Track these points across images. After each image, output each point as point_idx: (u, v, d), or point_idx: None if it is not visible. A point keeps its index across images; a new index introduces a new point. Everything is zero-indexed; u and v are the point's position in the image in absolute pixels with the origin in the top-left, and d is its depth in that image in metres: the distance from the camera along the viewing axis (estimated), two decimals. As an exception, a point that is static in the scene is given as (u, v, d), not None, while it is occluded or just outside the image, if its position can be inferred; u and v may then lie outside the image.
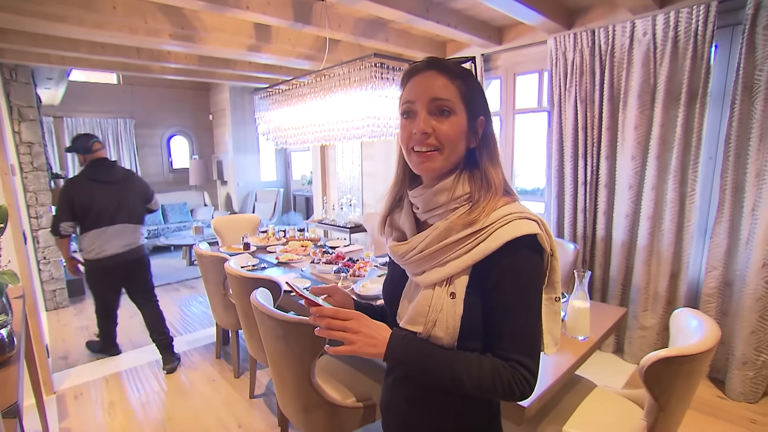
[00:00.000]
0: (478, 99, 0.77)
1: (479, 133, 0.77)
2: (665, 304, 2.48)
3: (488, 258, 0.71)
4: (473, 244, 0.72)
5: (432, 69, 0.75)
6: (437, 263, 0.75)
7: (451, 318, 0.73)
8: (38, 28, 2.61)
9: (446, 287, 0.74)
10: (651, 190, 2.44)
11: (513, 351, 0.71)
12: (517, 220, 0.71)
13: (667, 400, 1.18)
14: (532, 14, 2.39)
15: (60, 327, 3.51)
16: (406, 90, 0.77)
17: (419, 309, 0.75)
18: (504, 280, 0.72)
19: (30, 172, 3.71)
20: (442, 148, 0.74)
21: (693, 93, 2.24)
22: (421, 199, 0.79)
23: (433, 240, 0.75)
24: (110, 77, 6.44)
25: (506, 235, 0.70)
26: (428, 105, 0.73)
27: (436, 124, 0.73)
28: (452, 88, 0.73)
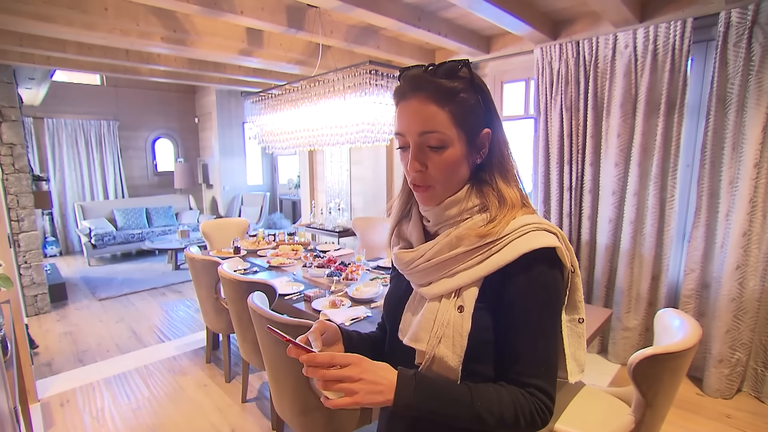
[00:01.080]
0: (477, 112, 0.69)
1: (485, 148, 0.71)
2: (647, 305, 2.58)
3: (501, 271, 0.66)
4: (486, 254, 0.67)
5: (419, 93, 0.67)
6: (445, 274, 0.70)
7: (457, 334, 0.66)
8: (24, 27, 2.56)
9: (454, 300, 0.68)
10: (633, 196, 2.54)
11: (531, 375, 0.66)
12: (534, 231, 0.66)
13: (654, 395, 1.25)
14: (519, 25, 2.47)
15: (42, 333, 3.43)
16: (397, 117, 0.71)
17: (423, 324, 0.69)
18: (519, 297, 0.66)
19: (11, 174, 3.63)
20: (437, 185, 0.70)
21: (671, 103, 2.35)
22: (432, 212, 0.74)
23: (442, 248, 0.70)
24: (93, 78, 6.32)
25: (522, 247, 0.65)
26: (417, 140, 0.68)
27: (428, 160, 0.68)
28: (442, 115, 0.66)
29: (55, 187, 6.04)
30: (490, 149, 0.72)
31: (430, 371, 0.69)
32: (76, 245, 6.27)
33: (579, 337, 0.72)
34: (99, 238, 5.52)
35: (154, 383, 2.62)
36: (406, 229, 0.81)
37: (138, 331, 3.45)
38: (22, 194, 3.69)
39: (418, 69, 0.69)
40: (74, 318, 3.76)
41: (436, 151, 0.68)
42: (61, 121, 6.00)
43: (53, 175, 6.01)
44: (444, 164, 0.68)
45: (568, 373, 0.72)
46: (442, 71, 0.67)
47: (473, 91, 0.68)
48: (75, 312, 3.91)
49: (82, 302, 4.17)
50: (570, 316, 0.72)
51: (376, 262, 2.74)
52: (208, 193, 7.32)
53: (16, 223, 3.67)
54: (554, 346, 0.69)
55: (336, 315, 1.83)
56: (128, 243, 5.81)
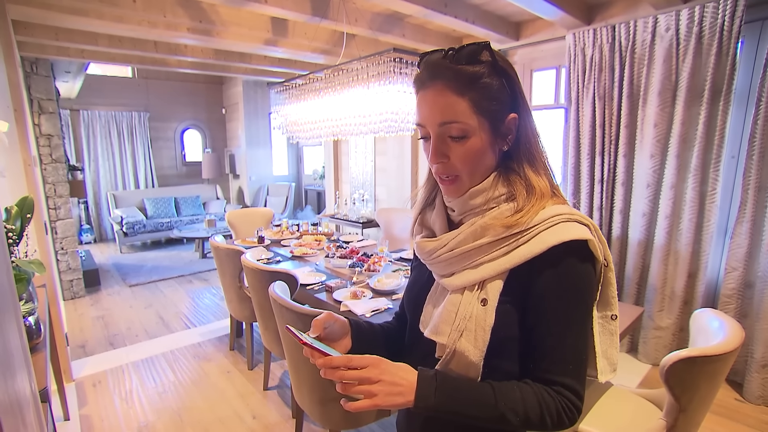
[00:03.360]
0: (502, 97, 0.65)
1: (512, 134, 0.67)
2: (682, 304, 2.45)
3: (528, 264, 0.63)
4: (513, 246, 0.64)
5: (437, 81, 0.64)
6: (469, 264, 0.67)
7: (480, 328, 0.64)
8: (59, 21, 2.64)
9: (477, 292, 0.65)
10: (670, 189, 2.40)
11: (558, 373, 0.63)
12: (564, 222, 0.63)
13: (689, 400, 1.17)
14: (551, 9, 2.36)
15: (77, 316, 3.58)
16: (417, 107, 0.69)
17: (445, 316, 0.67)
18: (547, 291, 0.63)
19: (49, 164, 3.78)
20: (462, 175, 0.67)
21: (716, 90, 2.20)
22: (457, 202, 0.71)
23: (467, 237, 0.67)
24: (126, 71, 6.51)
25: (552, 239, 0.61)
26: (438, 130, 0.65)
27: (450, 150, 0.66)
28: (463, 104, 0.63)
29: (90, 176, 6.27)
30: (516, 136, 0.67)
31: (451, 365, 0.67)
32: (109, 233, 6.52)
33: (611, 335, 0.68)
34: (130, 227, 5.72)
35: (180, 368, 2.69)
36: (429, 218, 0.78)
37: (165, 317, 3.55)
38: (58, 183, 3.84)
39: (438, 54, 0.66)
40: (106, 303, 3.91)
41: (457, 141, 0.65)
42: (96, 113, 6.21)
43: (88, 165, 6.25)
44: (467, 154, 0.65)
45: (599, 372, 0.68)
46: (463, 56, 0.64)
47: (496, 75, 0.64)
48: (107, 297, 4.07)
49: (114, 288, 4.33)
50: (602, 312, 0.68)
51: (399, 254, 2.71)
52: (235, 183, 7.45)
53: (53, 211, 3.83)
54: (584, 343, 0.65)
55: (357, 306, 1.82)
56: (157, 231, 5.99)
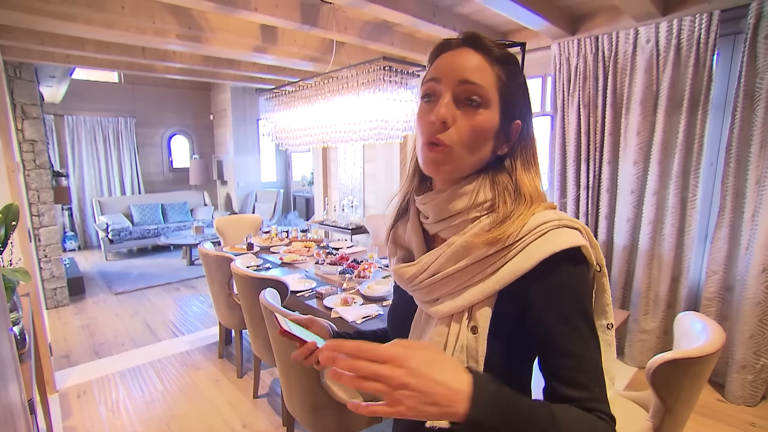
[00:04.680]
0: (519, 96, 0.62)
1: (512, 139, 0.63)
2: (666, 307, 2.51)
3: (520, 279, 0.56)
4: (499, 264, 0.57)
5: (468, 46, 0.60)
6: (453, 289, 0.60)
7: (472, 359, 0.58)
8: (45, 26, 2.61)
9: (465, 320, 0.59)
10: (652, 195, 2.47)
11: (589, 399, 0.54)
12: (554, 230, 0.57)
13: (674, 401, 1.21)
14: (536, 20, 2.42)
15: (61, 325, 3.51)
16: (432, 68, 0.62)
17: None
18: (548, 307, 0.56)
19: (32, 170, 3.71)
20: (457, 147, 0.59)
21: (695, 100, 2.27)
22: (432, 205, 0.64)
23: (448, 260, 0.60)
24: (111, 76, 6.43)
25: (541, 252, 0.55)
26: (455, 87, 0.59)
27: (460, 115, 0.59)
28: (489, 73, 0.59)
29: (74, 182, 6.17)
30: (516, 144, 0.64)
31: None
32: (94, 240, 6.40)
33: (609, 346, 0.62)
34: (116, 233, 5.62)
35: (168, 377, 2.65)
36: (403, 234, 0.72)
37: (152, 325, 3.50)
38: (42, 190, 3.77)
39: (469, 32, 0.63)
40: (91, 311, 3.84)
41: (470, 108, 0.59)
42: (81, 118, 6.12)
43: (72, 171, 6.14)
44: (474, 126, 0.59)
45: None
46: (497, 42, 0.62)
47: (520, 75, 0.63)
48: (92, 305, 3.99)
49: (99, 296, 4.25)
50: (598, 321, 0.61)
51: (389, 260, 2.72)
52: (223, 190, 7.39)
53: (36, 217, 3.75)
54: (599, 357, 0.57)
55: (348, 312, 1.82)
56: (144, 238, 5.90)
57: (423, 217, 0.68)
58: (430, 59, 0.64)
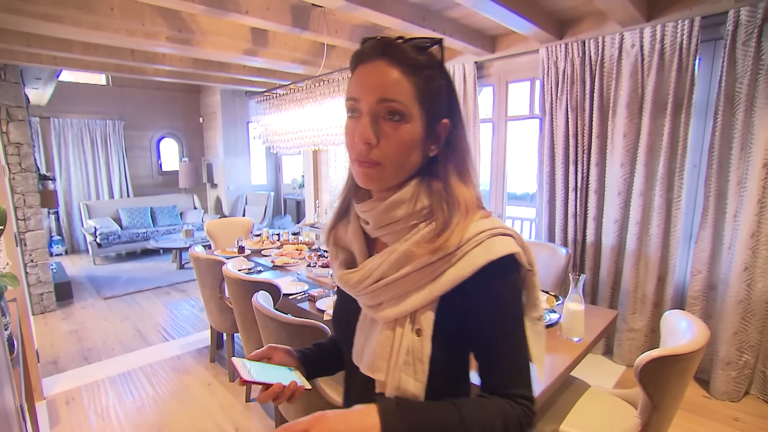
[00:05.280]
0: (442, 97, 0.63)
1: (442, 139, 0.64)
2: (653, 306, 2.56)
3: (459, 285, 0.60)
4: (440, 270, 0.61)
5: (384, 57, 0.59)
6: (397, 294, 0.63)
7: (418, 361, 0.61)
8: (32, 28, 2.58)
9: (410, 324, 0.62)
10: (639, 196, 2.52)
11: (512, 386, 0.62)
12: (489, 238, 0.60)
13: (661, 398, 1.24)
14: (525, 24, 2.46)
15: (48, 331, 3.45)
16: (352, 82, 0.62)
17: (380, 352, 0.63)
18: (484, 309, 0.62)
19: (18, 173, 3.65)
20: (387, 163, 0.61)
21: (678, 103, 2.33)
22: (372, 214, 0.65)
23: (391, 267, 0.62)
24: (99, 78, 6.36)
25: (480, 260, 0.59)
26: (374, 106, 0.59)
27: (382, 133, 0.60)
28: (407, 85, 0.59)
29: (61, 186, 6.08)
30: (447, 143, 0.64)
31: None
32: (82, 244, 6.31)
33: (539, 335, 0.68)
34: (104, 237, 5.55)
35: (159, 382, 2.63)
36: (344, 235, 0.73)
37: (142, 329, 3.46)
38: (28, 193, 3.71)
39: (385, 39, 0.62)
40: (79, 316, 3.78)
41: (392, 124, 0.59)
42: (67, 121, 6.03)
43: (59, 175, 6.05)
44: (399, 140, 0.59)
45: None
46: (414, 43, 0.61)
47: (441, 74, 0.62)
48: (80, 310, 3.94)
49: (88, 301, 4.19)
50: (530, 315, 0.67)
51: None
52: (213, 193, 7.34)
53: (22, 222, 3.69)
54: (526, 351, 0.65)
55: (340, 315, 1.83)
56: (133, 242, 5.84)
57: (363, 222, 0.69)
58: (350, 67, 0.64)
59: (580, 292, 1.66)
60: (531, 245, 2.45)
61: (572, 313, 1.66)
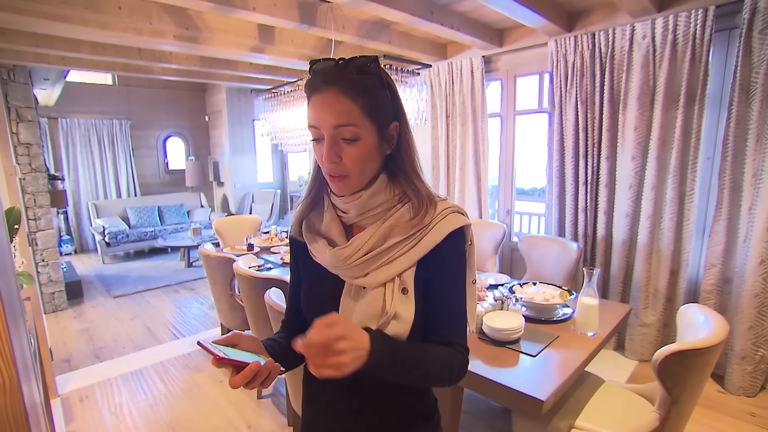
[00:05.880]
0: (388, 105, 0.74)
1: (394, 139, 0.76)
2: (665, 301, 2.53)
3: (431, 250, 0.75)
4: (418, 238, 0.75)
5: (332, 86, 0.69)
6: (385, 261, 0.75)
7: (406, 313, 0.73)
8: (40, 28, 2.59)
9: (396, 284, 0.74)
10: (651, 190, 2.49)
11: (454, 336, 0.76)
12: (452, 213, 0.77)
13: (680, 393, 1.22)
14: (533, 17, 2.43)
15: (60, 330, 3.48)
16: (310, 110, 0.73)
17: (373, 310, 0.73)
18: (444, 269, 0.76)
19: (28, 174, 3.68)
20: (352, 175, 0.73)
21: (691, 95, 2.29)
22: (355, 204, 0.76)
23: (378, 240, 0.75)
24: (106, 78, 6.38)
25: (447, 228, 0.75)
26: (332, 132, 0.70)
27: (342, 151, 0.71)
28: (355, 108, 0.69)
29: (70, 186, 6.12)
30: (398, 142, 0.77)
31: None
32: (91, 243, 6.35)
33: (473, 296, 0.82)
34: (112, 236, 5.59)
35: (170, 379, 2.64)
36: (317, 223, 0.83)
37: (152, 328, 3.48)
38: (38, 193, 3.74)
39: (329, 63, 0.72)
40: (90, 315, 3.81)
41: (349, 143, 0.71)
42: (75, 121, 6.07)
43: (67, 175, 6.09)
44: (357, 156, 0.71)
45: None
46: (353, 67, 0.70)
47: (383, 86, 0.73)
48: (91, 309, 3.97)
49: (98, 299, 4.23)
50: (470, 279, 0.81)
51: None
52: (219, 191, 7.36)
53: (33, 221, 3.72)
54: (464, 306, 0.80)
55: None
56: (141, 241, 5.87)
57: (340, 212, 0.80)
58: (305, 93, 0.75)
59: (594, 287, 1.65)
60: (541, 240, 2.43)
61: (587, 307, 1.65)
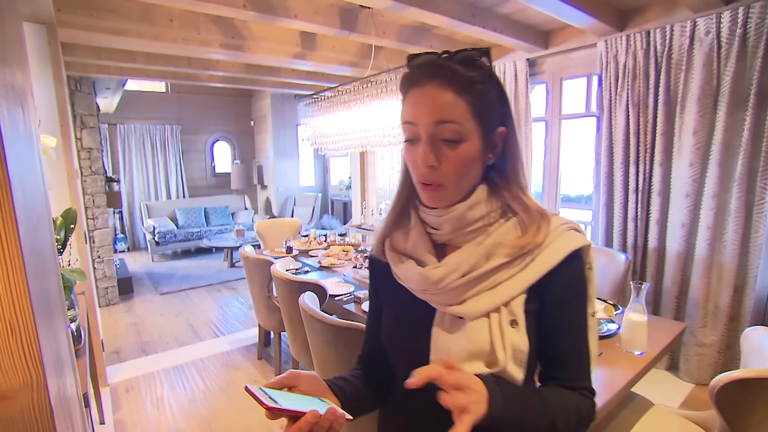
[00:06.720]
0: (496, 106, 0.63)
1: (499, 147, 0.65)
2: (728, 320, 2.32)
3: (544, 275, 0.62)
4: (528, 260, 0.62)
5: (436, 79, 0.60)
6: (486, 287, 0.62)
7: (519, 352, 0.61)
8: (101, 42, 2.78)
9: (505, 315, 0.62)
10: (711, 198, 2.30)
11: (579, 378, 0.65)
12: (568, 230, 0.64)
13: (743, 426, 1.10)
14: (581, 17, 2.32)
15: (111, 323, 3.70)
16: (406, 106, 0.63)
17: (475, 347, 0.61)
18: (562, 299, 0.64)
19: (88, 176, 3.95)
20: (449, 184, 0.62)
21: (764, 94, 2.09)
22: (450, 218, 0.64)
23: (480, 259, 0.62)
24: (159, 86, 6.77)
25: (564, 248, 0.62)
26: (432, 129, 0.60)
27: (442, 155, 0.61)
28: (461, 104, 0.59)
29: (125, 187, 6.53)
30: (503, 150, 0.65)
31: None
32: (142, 242, 6.74)
33: (593, 330, 0.69)
34: (162, 236, 5.89)
35: (209, 376, 2.73)
36: (401, 243, 0.71)
37: (195, 325, 3.62)
38: (96, 194, 4.01)
39: (431, 55, 0.63)
40: (139, 310, 4.02)
41: (450, 145, 0.60)
42: (131, 126, 6.48)
43: (123, 177, 6.50)
44: (458, 160, 0.61)
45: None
46: (459, 58, 0.61)
47: (491, 84, 0.63)
48: (140, 304, 4.19)
49: (146, 296, 4.46)
50: (589, 310, 0.68)
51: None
52: (263, 194, 7.60)
53: (91, 221, 3.99)
54: (588, 341, 0.67)
55: (385, 318, 1.80)
56: (188, 240, 6.15)
57: (430, 228, 0.68)
58: (401, 89, 0.65)
59: (642, 302, 1.53)
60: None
61: (633, 324, 1.53)
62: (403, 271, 0.69)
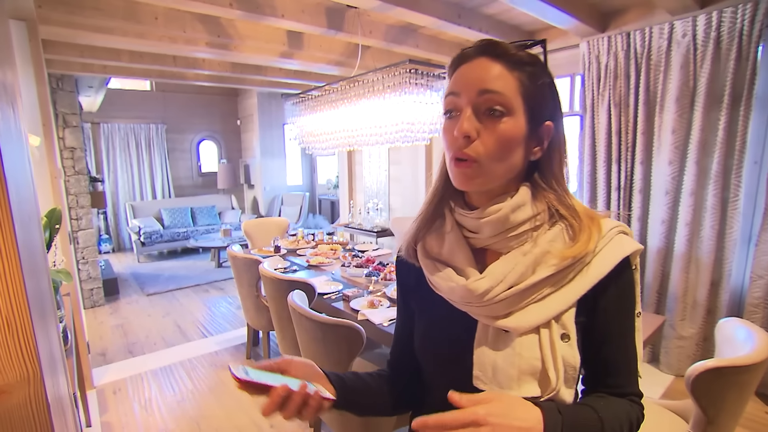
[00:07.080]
0: (546, 96, 0.59)
1: (544, 143, 0.60)
2: (705, 313, 2.40)
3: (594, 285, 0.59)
4: (578, 269, 0.58)
5: (485, 55, 0.58)
6: (534, 299, 0.58)
7: (571, 368, 0.57)
8: (85, 39, 2.74)
9: (556, 329, 0.58)
10: (689, 196, 2.37)
11: (628, 385, 0.62)
12: (618, 234, 0.61)
13: (717, 412, 1.15)
14: (564, 18, 2.37)
15: (97, 324, 3.65)
16: (451, 81, 0.60)
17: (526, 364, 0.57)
18: (612, 306, 0.60)
19: (72, 176, 3.88)
20: (486, 161, 0.57)
21: (737, 95, 2.17)
22: (492, 219, 0.59)
23: (527, 269, 0.58)
24: (144, 84, 6.68)
25: (616, 255, 0.58)
26: (475, 99, 0.56)
27: (483, 127, 0.57)
28: (510, 79, 0.56)
29: (109, 187, 6.43)
30: (549, 148, 0.61)
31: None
32: (127, 242, 6.64)
33: (639, 332, 0.66)
34: (147, 236, 5.82)
35: (197, 377, 2.71)
36: (436, 246, 0.66)
37: (182, 325, 3.59)
38: (80, 194, 3.94)
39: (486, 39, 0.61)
40: (125, 311, 3.98)
41: (493, 119, 0.56)
42: (115, 126, 6.38)
43: (107, 177, 6.40)
44: (500, 135, 0.56)
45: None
46: (514, 44, 0.60)
47: (544, 72, 0.60)
48: (126, 306, 4.14)
49: (132, 297, 4.40)
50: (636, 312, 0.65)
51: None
52: (250, 193, 7.55)
53: (75, 221, 3.93)
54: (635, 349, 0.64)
55: (374, 315, 1.82)
56: (174, 241, 6.08)
57: (468, 231, 0.64)
58: (448, 73, 0.62)
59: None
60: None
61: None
62: (441, 281, 0.64)
